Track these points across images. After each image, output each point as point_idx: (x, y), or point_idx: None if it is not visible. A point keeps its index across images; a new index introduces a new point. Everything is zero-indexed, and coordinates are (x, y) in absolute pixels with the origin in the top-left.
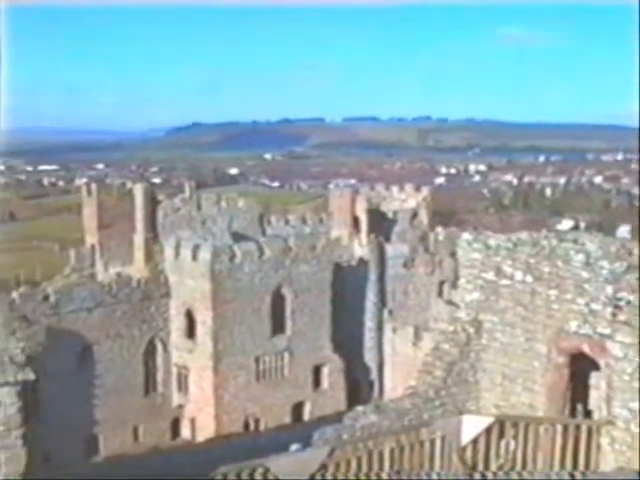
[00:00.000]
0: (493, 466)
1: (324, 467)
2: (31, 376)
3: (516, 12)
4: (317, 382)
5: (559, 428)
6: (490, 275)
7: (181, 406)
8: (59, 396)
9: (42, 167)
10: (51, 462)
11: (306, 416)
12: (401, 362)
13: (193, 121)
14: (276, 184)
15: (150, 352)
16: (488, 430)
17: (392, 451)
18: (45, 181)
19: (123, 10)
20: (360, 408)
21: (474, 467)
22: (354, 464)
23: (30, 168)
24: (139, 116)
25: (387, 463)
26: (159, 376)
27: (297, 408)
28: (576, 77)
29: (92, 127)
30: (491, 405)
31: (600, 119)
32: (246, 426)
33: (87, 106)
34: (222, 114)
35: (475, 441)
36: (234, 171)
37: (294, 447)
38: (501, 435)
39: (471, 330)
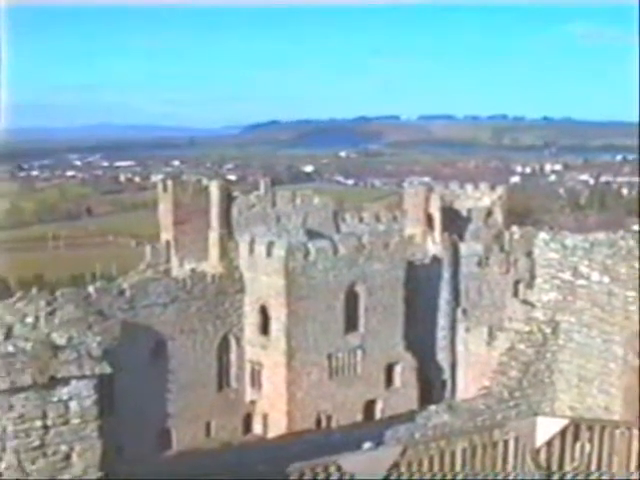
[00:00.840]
0: (567, 469)
1: (396, 466)
2: (107, 370)
3: (592, 10)
4: (389, 380)
5: (635, 432)
6: (567, 275)
7: (254, 402)
8: (133, 390)
9: (119, 163)
10: (124, 455)
11: (378, 414)
12: (474, 362)
13: (270, 118)
14: (350, 182)
15: (224, 348)
16: (563, 432)
17: (464, 451)
18: (122, 177)
19: (205, 9)
20: (433, 407)
21: (548, 469)
22: (426, 464)
23: (107, 164)
24: (215, 113)
25: (459, 463)
26: (232, 372)
27: (369, 406)
28: None
29: (168, 124)
30: (566, 407)
31: None
32: (318, 423)
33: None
34: (298, 112)
35: (549, 443)
36: (309, 168)
37: (367, 445)
38: (576, 438)
39: (547, 330)
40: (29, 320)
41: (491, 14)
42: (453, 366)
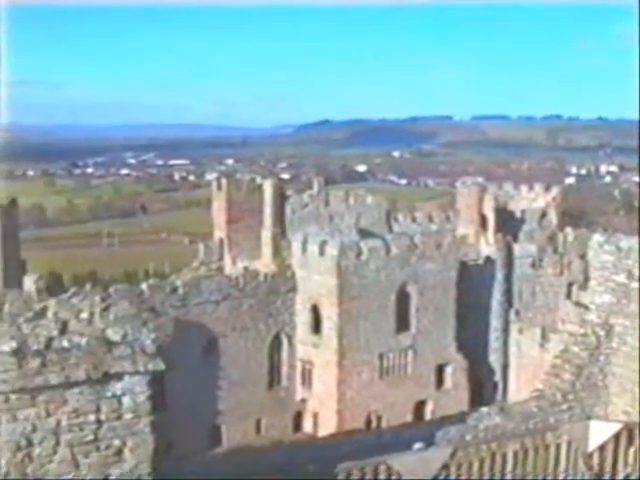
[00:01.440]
0: (620, 474)
1: (446, 467)
2: (161, 366)
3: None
4: (440, 381)
5: None
6: (621, 278)
7: (304, 400)
8: (184, 387)
9: (173, 162)
10: (173, 452)
11: (428, 415)
12: (527, 364)
13: (322, 118)
14: (403, 181)
15: (275, 346)
16: (616, 437)
17: (516, 454)
18: (176, 175)
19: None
20: (484, 409)
21: (600, 474)
22: (476, 466)
23: (161, 162)
24: (268, 113)
25: (510, 466)
26: (283, 370)
27: (419, 407)
28: None
29: (221, 124)
30: (620, 411)
31: None
32: (368, 423)
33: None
34: (351, 111)
35: (602, 447)
36: (362, 168)
37: (417, 446)
38: (630, 442)
39: (602, 333)
40: (84, 316)
41: (544, 14)
42: (505, 368)
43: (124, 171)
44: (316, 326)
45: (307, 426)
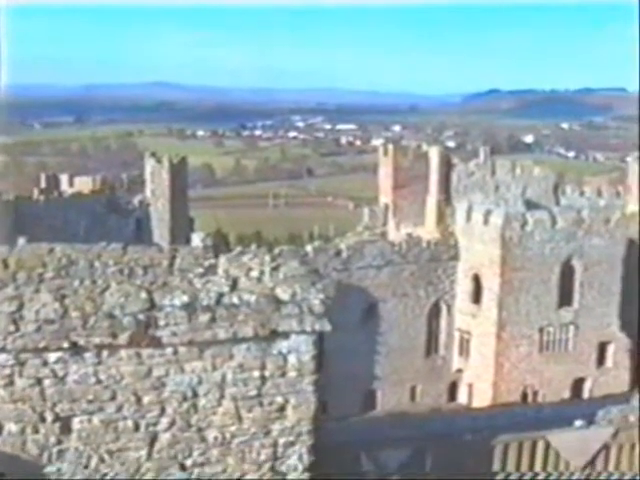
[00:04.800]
0: None
1: (606, 447)
2: (327, 327)
3: None
4: (601, 359)
5: None
6: None
7: (460, 371)
8: (342, 349)
9: (340, 126)
10: (327, 413)
11: (586, 393)
12: None
13: (490, 88)
14: (571, 154)
15: (434, 314)
16: None
17: None
18: (342, 140)
19: None
20: None
21: None
22: (638, 448)
23: (329, 127)
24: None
25: None
26: (441, 339)
27: (577, 384)
28: None
29: (390, 90)
30: None
31: None
32: (523, 397)
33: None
34: (520, 81)
35: None
36: (529, 139)
37: (578, 423)
38: None
39: None
40: (254, 274)
41: None
42: None
43: (292, 134)
44: (476, 296)
45: (461, 397)
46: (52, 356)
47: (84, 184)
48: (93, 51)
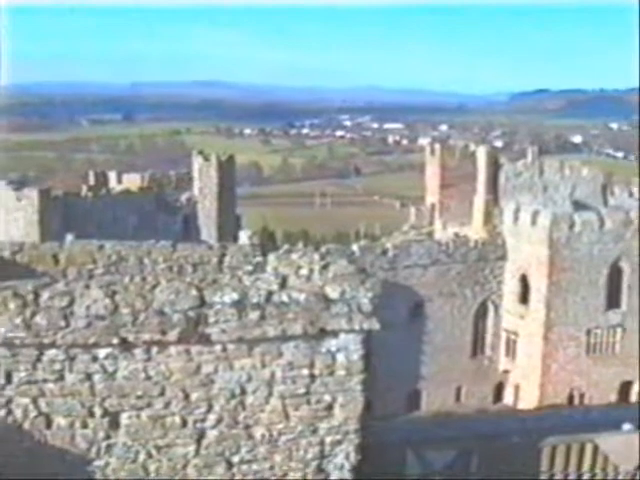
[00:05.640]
0: None
1: None
2: (376, 326)
3: None
4: None
5: None
6: None
7: (507, 371)
8: (388, 349)
9: (387, 125)
10: (371, 412)
11: (633, 397)
12: None
13: (538, 87)
14: (620, 154)
15: (481, 314)
16: None
17: None
18: (389, 139)
19: None
20: None
21: None
22: None
23: (376, 126)
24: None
25: None
26: (488, 339)
27: (625, 387)
28: None
29: (437, 89)
30: None
31: None
32: (570, 399)
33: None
34: (568, 81)
35: None
36: (577, 139)
37: (626, 427)
38: None
39: None
40: (303, 272)
41: None
42: None
43: (339, 133)
44: (524, 296)
45: (508, 398)
46: (102, 352)
47: (132, 181)
48: (139, 49)
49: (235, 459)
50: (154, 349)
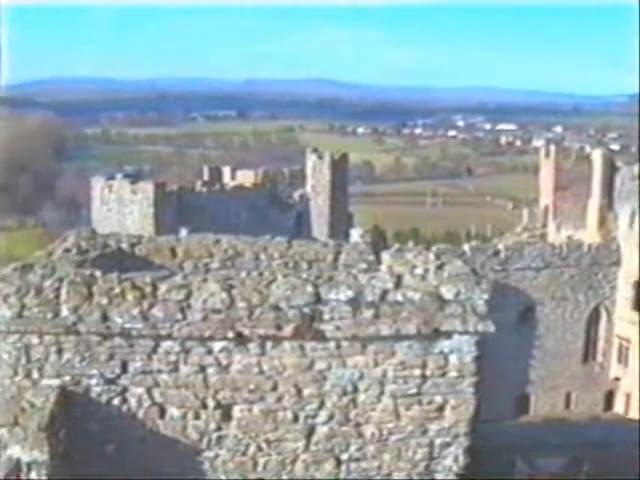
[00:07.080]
0: None
1: None
2: (491, 328)
3: None
4: None
5: None
6: None
7: (618, 379)
8: (496, 351)
9: (501, 126)
10: (479, 415)
11: None
12: None
13: None
14: None
15: (593, 319)
16: None
17: None
18: (502, 140)
19: None
20: None
21: None
22: None
23: (489, 126)
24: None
25: None
26: (600, 345)
27: None
28: None
29: (553, 90)
30: None
31: None
32: None
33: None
34: None
35: None
36: None
37: None
38: None
39: None
40: (418, 271)
41: None
42: None
43: (451, 133)
44: (637, 303)
45: (618, 406)
46: (217, 345)
47: (246, 177)
48: (254, 46)
49: (344, 456)
50: (268, 344)
